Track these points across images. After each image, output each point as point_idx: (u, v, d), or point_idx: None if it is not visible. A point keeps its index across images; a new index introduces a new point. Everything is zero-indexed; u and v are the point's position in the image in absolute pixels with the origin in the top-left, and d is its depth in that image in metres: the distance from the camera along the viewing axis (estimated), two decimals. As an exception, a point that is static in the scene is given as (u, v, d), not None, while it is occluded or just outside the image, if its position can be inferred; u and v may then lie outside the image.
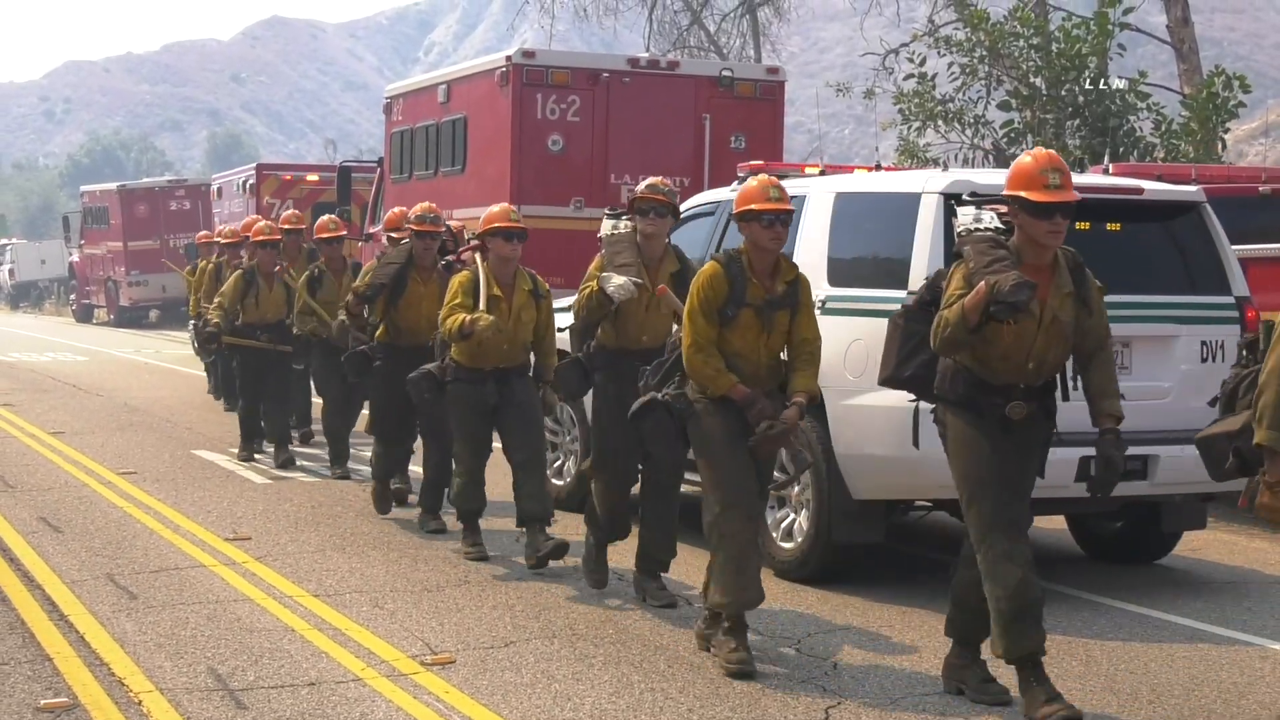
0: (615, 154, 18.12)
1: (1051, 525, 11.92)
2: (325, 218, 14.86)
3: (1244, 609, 9.73)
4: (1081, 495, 7.84)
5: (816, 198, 10.65)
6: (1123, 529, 11.01)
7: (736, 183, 12.11)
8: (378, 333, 12.08)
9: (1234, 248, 10.39)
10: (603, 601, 9.56)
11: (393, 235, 13.43)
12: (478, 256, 10.38)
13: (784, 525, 10.35)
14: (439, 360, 10.72)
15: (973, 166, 22.45)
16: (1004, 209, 7.09)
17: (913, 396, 8.30)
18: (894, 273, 9.58)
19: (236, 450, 15.93)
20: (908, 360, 7.43)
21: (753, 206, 8.05)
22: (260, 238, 15.87)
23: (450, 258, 11.86)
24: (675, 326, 9.03)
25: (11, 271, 61.64)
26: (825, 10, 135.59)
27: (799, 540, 10.18)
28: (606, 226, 9.61)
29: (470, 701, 7.45)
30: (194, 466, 15.38)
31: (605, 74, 18.32)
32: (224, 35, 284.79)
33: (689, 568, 10.07)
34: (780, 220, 8.07)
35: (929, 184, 9.77)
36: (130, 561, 10.65)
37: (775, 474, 8.87)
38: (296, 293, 14.79)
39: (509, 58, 18.20)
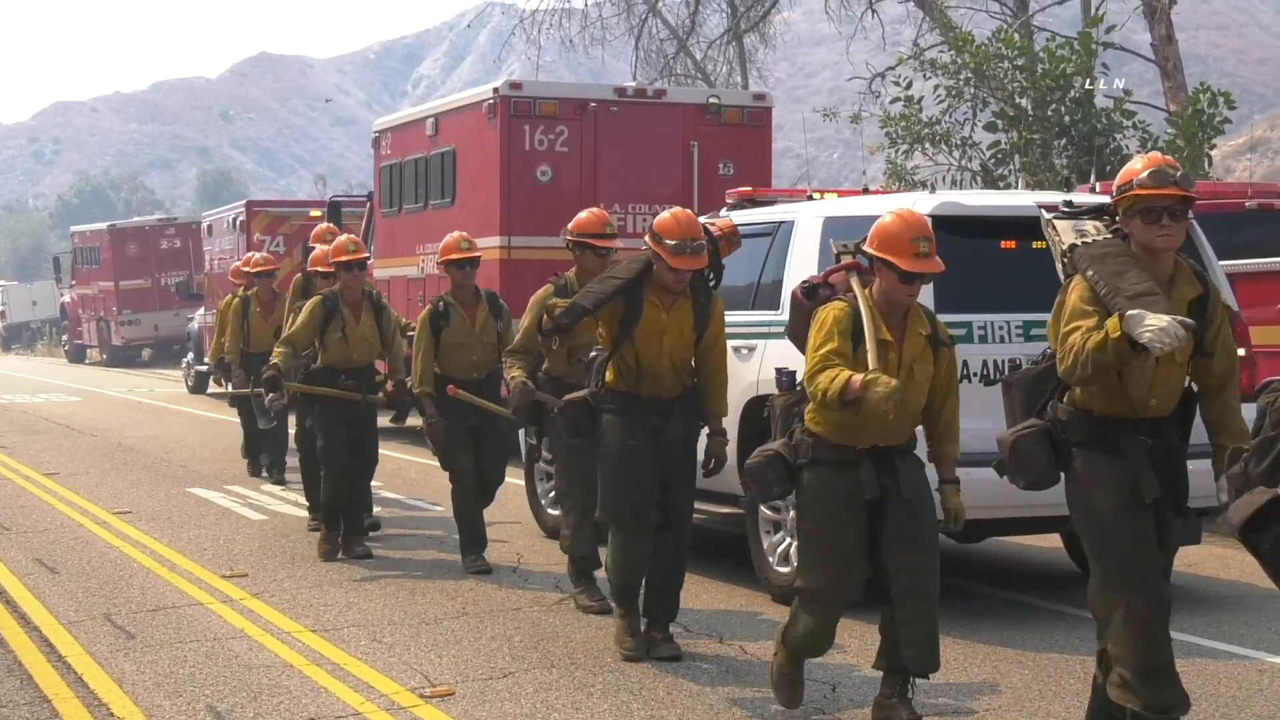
0: (604, 183, 18.15)
1: (1048, 543, 11.94)
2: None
3: (1241, 623, 9.74)
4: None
5: (805, 222, 10.69)
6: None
7: (726, 209, 12.16)
8: (607, 378, 8.83)
9: (1221, 263, 10.43)
10: (601, 630, 9.56)
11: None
12: (855, 281, 7.32)
13: (780, 550, 10.36)
14: (594, 387, 8.86)
15: (961, 188, 22.50)
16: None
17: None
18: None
19: (319, 545, 12.40)
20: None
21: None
22: (332, 262, 12.57)
23: (810, 281, 7.80)
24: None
25: (3, 313, 61.67)
26: (811, 36, 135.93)
27: (795, 565, 10.17)
28: (1069, 231, 6.60)
29: (470, 733, 7.44)
30: (189, 504, 15.37)
31: (592, 104, 18.37)
32: (212, 73, 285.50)
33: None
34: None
35: (917, 206, 9.78)
36: (127, 601, 10.64)
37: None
38: (390, 327, 12.53)
39: (496, 89, 18.25)
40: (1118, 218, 6.45)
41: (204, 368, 31.82)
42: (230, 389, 17.10)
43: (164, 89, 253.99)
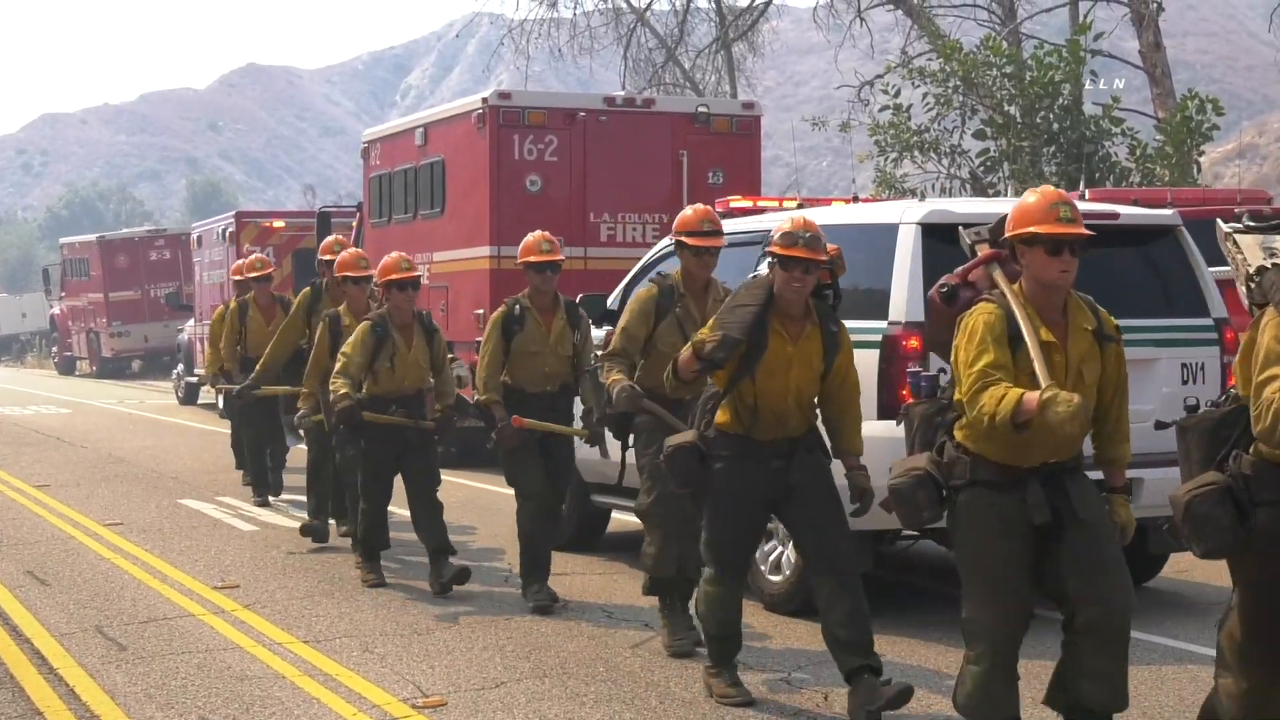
0: (594, 193, 18.16)
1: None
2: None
3: (1232, 629, 9.73)
4: None
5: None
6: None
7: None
8: (718, 418, 7.83)
9: (1211, 270, 10.45)
10: (593, 640, 9.55)
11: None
12: (999, 275, 6.45)
13: (772, 558, 10.36)
14: (701, 428, 7.90)
15: (950, 196, 22.54)
16: None
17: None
18: (874, 303, 9.61)
19: (360, 575, 11.73)
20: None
21: None
22: (381, 282, 11.45)
23: (947, 282, 6.83)
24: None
25: (-8, 325, 61.61)
26: (800, 44, 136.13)
27: (788, 573, 10.19)
28: (1255, 249, 6.02)
29: (463, 743, 7.44)
30: (180, 516, 15.35)
31: (581, 113, 18.37)
32: (200, 84, 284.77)
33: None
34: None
35: (906, 214, 9.81)
36: (119, 613, 10.63)
37: None
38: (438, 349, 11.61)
39: (485, 99, 18.25)
40: None
41: (194, 379, 31.82)
42: (228, 394, 16.52)
43: (152, 100, 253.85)
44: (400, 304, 11.23)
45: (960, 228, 6.82)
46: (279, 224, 29.42)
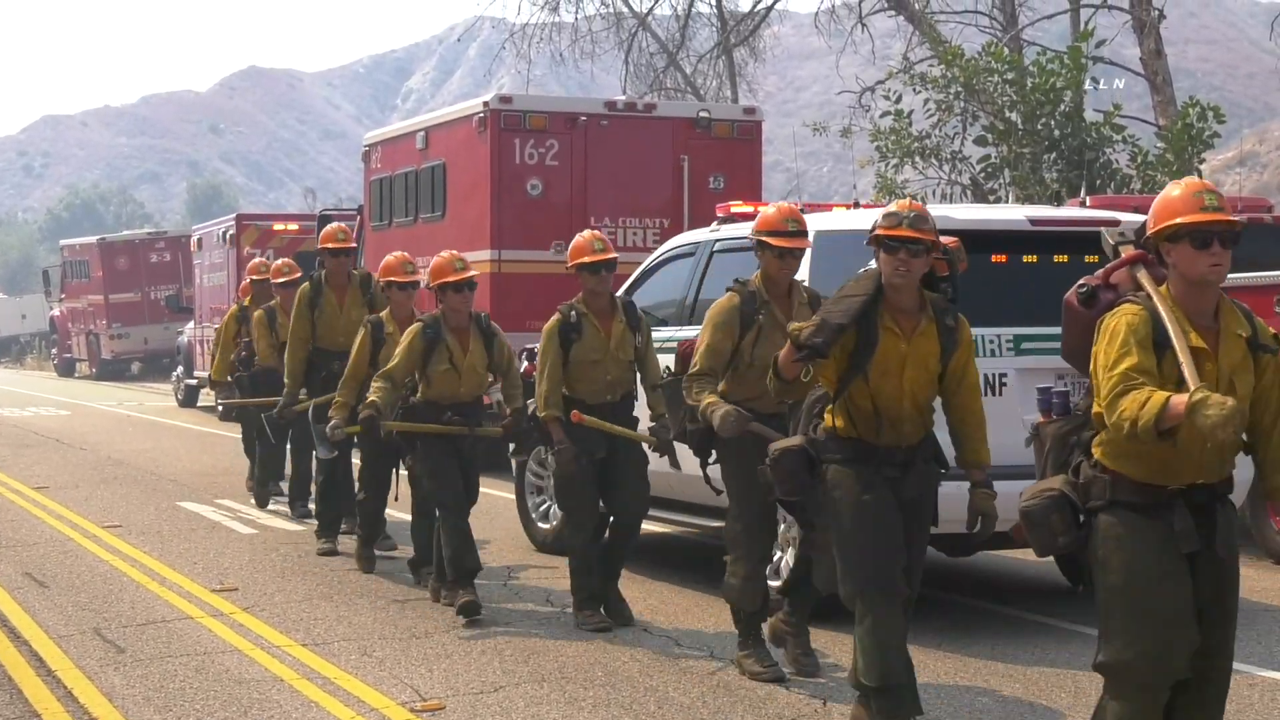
0: (594, 197, 18.16)
1: (1038, 557, 11.93)
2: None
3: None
4: None
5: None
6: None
7: (716, 223, 12.16)
8: (836, 423, 7.17)
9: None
10: (592, 644, 9.55)
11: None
12: (1144, 277, 5.83)
13: (771, 564, 10.34)
14: (808, 431, 7.30)
15: (951, 202, 22.55)
16: None
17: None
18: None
19: (433, 590, 11.11)
20: None
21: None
22: (435, 285, 10.68)
23: (1087, 283, 6.13)
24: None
25: (-8, 327, 61.62)
26: (801, 49, 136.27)
27: (786, 577, 10.16)
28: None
29: (461, 747, 7.43)
30: (179, 518, 15.34)
31: (583, 117, 18.38)
32: (201, 86, 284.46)
33: (676, 609, 10.03)
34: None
35: (907, 220, 9.78)
36: (117, 615, 10.62)
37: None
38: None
39: (486, 103, 18.26)
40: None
41: (194, 381, 31.80)
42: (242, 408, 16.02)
43: (153, 102, 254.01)
44: (456, 306, 10.52)
45: (1102, 230, 6.23)
46: (292, 226, 29.40)
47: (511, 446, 12.72)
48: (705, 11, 39.73)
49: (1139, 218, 10.77)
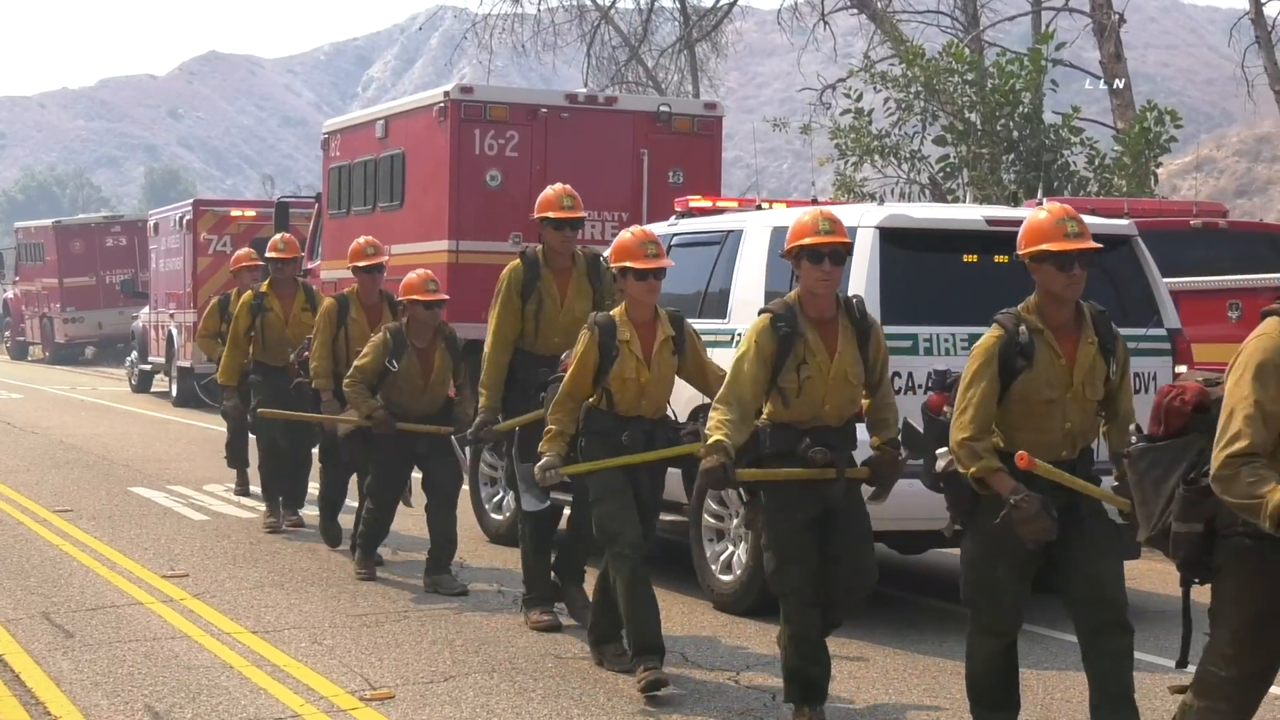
0: (553, 189, 18.12)
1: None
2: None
3: (1179, 638, 9.78)
4: None
5: (753, 232, 10.73)
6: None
7: (674, 218, 12.18)
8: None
9: (1165, 280, 10.53)
10: (542, 636, 9.55)
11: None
12: None
13: (723, 558, 10.38)
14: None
15: (909, 201, 22.62)
16: None
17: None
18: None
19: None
20: None
21: None
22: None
23: None
24: None
25: (-56, 309, 61.18)
26: (763, 46, 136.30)
27: (738, 573, 10.21)
28: None
29: (409, 736, 7.43)
30: (131, 504, 15.28)
31: (543, 109, 18.36)
32: (161, 71, 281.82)
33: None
34: None
35: (865, 218, 9.85)
36: (66, 600, 10.57)
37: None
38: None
39: (447, 93, 18.22)
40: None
41: (147, 366, 31.61)
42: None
43: (112, 86, 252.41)
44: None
45: None
46: (250, 212, 29.22)
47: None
48: (668, 6, 39.78)
49: (1097, 220, 10.84)
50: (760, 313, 7.52)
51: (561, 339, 9.58)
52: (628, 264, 8.33)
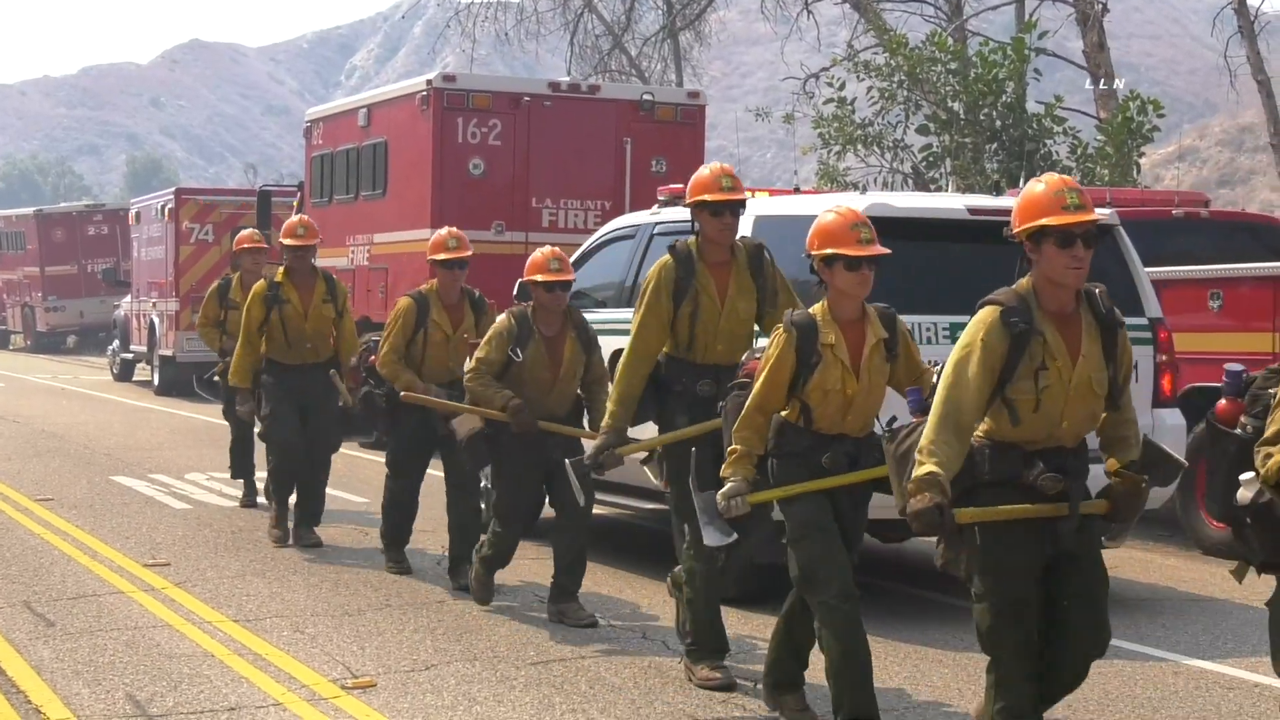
0: (536, 177, 18.15)
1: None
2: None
3: (1159, 625, 9.84)
4: None
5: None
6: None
7: (657, 206, 12.17)
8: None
9: (1147, 270, 10.54)
10: (524, 624, 9.55)
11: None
12: None
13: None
14: None
15: (892, 190, 22.64)
16: None
17: None
18: (813, 295, 9.62)
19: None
20: None
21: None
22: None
23: None
24: None
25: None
26: (747, 35, 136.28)
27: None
28: None
29: (391, 725, 7.43)
30: (112, 492, 15.25)
31: (526, 98, 18.36)
32: (143, 58, 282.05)
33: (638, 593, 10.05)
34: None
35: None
36: (47, 588, 10.55)
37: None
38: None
39: (430, 81, 18.22)
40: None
41: (129, 355, 31.55)
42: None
43: (94, 73, 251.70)
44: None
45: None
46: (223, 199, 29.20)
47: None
48: (652, -6, 39.77)
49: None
50: (981, 304, 6.18)
51: (725, 346, 8.28)
52: (835, 250, 6.98)
